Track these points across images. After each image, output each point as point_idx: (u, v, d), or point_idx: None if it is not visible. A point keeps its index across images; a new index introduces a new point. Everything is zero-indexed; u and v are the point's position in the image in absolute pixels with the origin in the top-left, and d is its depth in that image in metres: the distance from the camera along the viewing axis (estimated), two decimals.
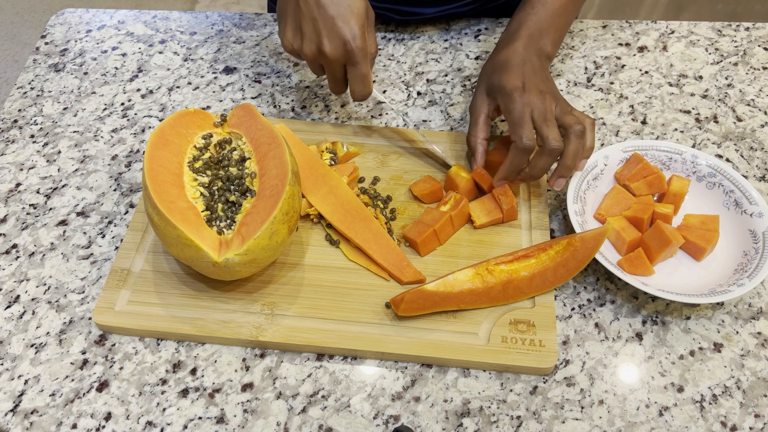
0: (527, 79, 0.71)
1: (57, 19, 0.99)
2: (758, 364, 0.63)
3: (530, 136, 0.67)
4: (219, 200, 0.64)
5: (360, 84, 0.72)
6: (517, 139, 0.68)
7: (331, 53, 0.70)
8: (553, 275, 0.65)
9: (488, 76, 0.74)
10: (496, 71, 0.73)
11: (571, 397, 0.61)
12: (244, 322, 0.64)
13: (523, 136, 0.67)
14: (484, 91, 0.75)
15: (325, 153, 0.76)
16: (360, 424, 0.59)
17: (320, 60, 0.72)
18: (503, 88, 0.70)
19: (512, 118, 0.69)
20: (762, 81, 0.89)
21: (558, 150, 0.67)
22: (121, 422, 0.59)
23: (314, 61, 0.73)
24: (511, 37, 0.76)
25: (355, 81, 0.72)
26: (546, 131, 0.67)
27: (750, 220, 0.69)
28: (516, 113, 0.68)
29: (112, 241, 0.72)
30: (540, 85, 0.71)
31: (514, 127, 0.68)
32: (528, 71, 0.72)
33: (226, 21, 0.98)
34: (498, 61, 0.74)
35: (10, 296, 0.68)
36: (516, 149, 0.68)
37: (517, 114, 0.68)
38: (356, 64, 0.70)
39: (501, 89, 0.71)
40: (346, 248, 0.69)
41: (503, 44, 0.76)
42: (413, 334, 0.63)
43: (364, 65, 0.71)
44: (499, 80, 0.72)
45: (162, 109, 0.86)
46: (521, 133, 0.67)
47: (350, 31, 0.68)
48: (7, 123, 0.84)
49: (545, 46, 0.76)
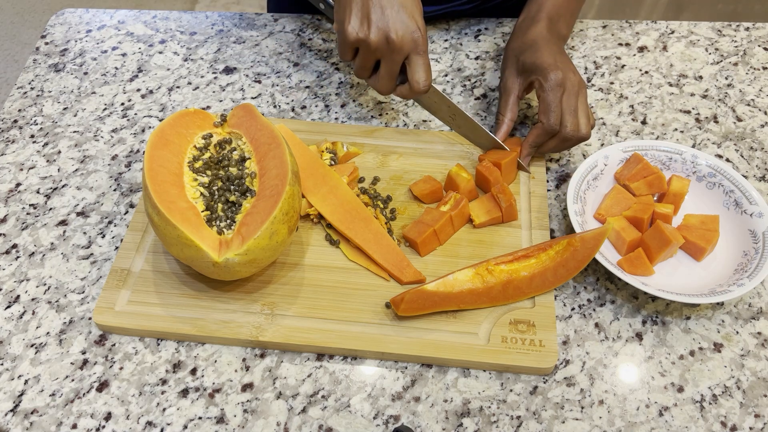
0: (558, 59, 0.74)
1: (57, 19, 0.99)
2: (758, 364, 0.63)
3: (557, 121, 0.71)
4: (219, 200, 0.64)
5: (423, 73, 0.72)
6: (545, 120, 0.72)
7: (399, 41, 0.69)
8: (553, 275, 0.65)
9: (517, 55, 0.77)
10: (526, 50, 0.76)
11: (571, 397, 0.61)
12: (244, 322, 0.64)
13: (551, 119, 0.71)
14: (514, 71, 0.77)
15: (325, 153, 0.76)
16: (360, 424, 0.59)
17: (382, 52, 0.71)
18: (538, 66, 0.73)
19: (546, 97, 0.72)
20: (762, 81, 0.89)
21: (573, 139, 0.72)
22: (121, 422, 0.59)
23: (375, 53, 0.71)
24: (533, 20, 0.79)
25: (418, 71, 0.72)
26: (567, 118, 0.71)
27: (750, 220, 0.69)
28: (549, 94, 0.72)
29: (112, 241, 0.72)
30: (568, 68, 0.73)
31: (547, 107, 0.72)
32: (556, 51, 0.75)
33: (226, 21, 0.98)
34: (526, 41, 0.77)
35: (10, 296, 0.68)
36: (542, 129, 0.72)
37: (550, 95, 0.72)
38: (421, 54, 0.71)
39: (536, 67, 0.73)
40: (346, 248, 0.69)
41: (526, 26, 0.79)
42: (413, 334, 0.63)
43: (426, 56, 0.72)
44: (532, 58, 0.74)
45: (162, 109, 0.86)
46: (550, 116, 0.71)
47: (417, 21, 0.70)
48: (7, 123, 0.84)
49: (562, 29, 0.80)
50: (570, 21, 0.83)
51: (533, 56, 0.74)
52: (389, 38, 0.69)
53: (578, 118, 0.72)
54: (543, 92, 0.72)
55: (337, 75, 0.90)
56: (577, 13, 0.84)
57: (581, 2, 0.85)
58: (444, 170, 0.77)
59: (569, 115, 0.71)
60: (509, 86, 0.77)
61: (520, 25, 0.80)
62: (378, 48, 0.71)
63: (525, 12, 0.82)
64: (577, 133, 0.71)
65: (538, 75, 0.73)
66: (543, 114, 0.72)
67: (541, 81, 0.73)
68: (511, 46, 0.79)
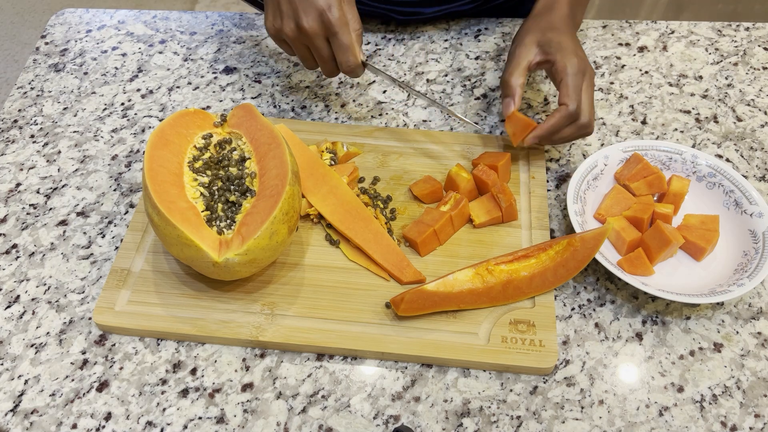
0: (579, 47, 0.73)
1: (57, 19, 0.99)
2: (758, 364, 0.63)
3: (580, 107, 0.69)
4: (219, 200, 0.64)
5: (344, 54, 0.71)
6: (570, 102, 0.69)
7: (309, 26, 0.69)
8: (553, 275, 0.65)
9: (541, 30, 0.74)
10: (549, 29, 0.74)
11: (571, 397, 0.61)
12: (244, 322, 0.64)
13: (575, 104, 0.69)
14: (534, 42, 0.74)
15: (325, 153, 0.76)
16: (360, 424, 0.59)
17: (303, 40, 0.71)
18: (564, 47, 0.71)
19: (569, 81, 0.70)
20: (762, 81, 0.89)
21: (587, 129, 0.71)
22: (121, 422, 0.59)
23: (296, 41, 0.72)
24: (554, 3, 0.77)
25: (338, 52, 0.71)
26: (586, 107, 0.70)
27: (750, 220, 0.69)
28: (574, 78, 0.70)
29: (112, 241, 0.72)
30: (587, 57, 0.73)
31: (570, 89, 0.69)
32: (576, 40, 0.74)
33: (226, 21, 0.98)
34: (551, 21, 0.75)
35: (10, 296, 0.68)
36: (565, 113, 0.69)
37: (575, 80, 0.70)
38: (336, 35, 0.69)
39: (561, 47, 0.71)
40: (346, 248, 0.69)
41: (549, 6, 0.77)
42: (413, 334, 0.63)
43: (345, 35, 0.70)
44: (557, 37, 0.72)
45: (162, 109, 0.86)
46: (576, 98, 0.69)
47: (325, 1, 0.68)
48: (7, 123, 0.84)
49: (578, 17, 0.80)
50: (583, 10, 0.82)
51: (559, 37, 0.73)
52: (300, 26, 0.69)
53: (593, 108, 0.71)
54: (566, 75, 0.70)
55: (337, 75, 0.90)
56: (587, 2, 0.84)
57: None
58: (444, 170, 0.77)
59: (588, 104, 0.70)
60: (524, 53, 0.74)
61: (543, 6, 0.78)
62: (296, 38, 0.71)
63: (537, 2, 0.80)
64: (591, 124, 0.71)
65: (563, 56, 0.71)
66: (567, 97, 0.70)
67: (565, 63, 0.70)
68: (530, 23, 0.77)
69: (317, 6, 0.68)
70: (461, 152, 0.79)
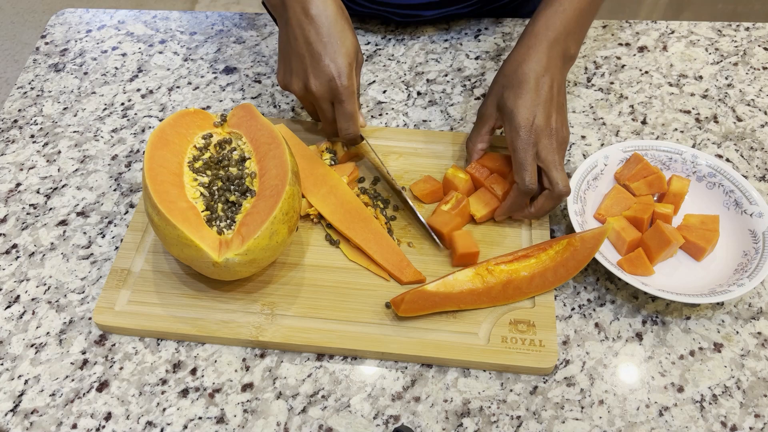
0: (540, 109, 0.66)
1: (57, 19, 0.99)
2: (758, 364, 0.63)
3: (532, 180, 0.65)
4: (219, 200, 0.64)
5: (345, 122, 0.71)
6: (519, 181, 0.66)
7: (317, 90, 0.69)
8: (553, 275, 0.65)
9: (502, 87, 0.69)
10: (510, 86, 0.68)
11: (571, 397, 0.61)
12: (244, 322, 0.64)
13: (526, 180, 0.65)
14: (495, 102, 0.70)
15: (325, 153, 0.76)
16: (360, 424, 0.59)
17: (309, 98, 0.72)
18: (513, 118, 0.66)
19: (516, 157, 0.66)
20: (762, 81, 0.89)
21: (566, 195, 0.66)
22: (121, 422, 0.59)
23: (304, 99, 0.73)
24: (535, 39, 0.69)
25: (341, 119, 0.71)
26: (555, 175, 0.65)
27: (750, 220, 0.69)
28: (520, 153, 0.65)
29: (112, 241, 0.72)
30: (552, 117, 0.66)
31: (518, 168, 0.66)
32: (544, 95, 0.66)
33: (226, 21, 0.98)
34: (516, 73, 0.68)
35: (10, 296, 0.68)
36: (518, 191, 0.66)
37: (521, 155, 0.65)
38: (342, 103, 0.69)
39: (510, 117, 0.66)
40: (346, 248, 0.69)
41: (526, 47, 0.69)
42: (413, 334, 0.63)
43: (350, 104, 0.69)
44: (512, 103, 0.66)
45: (162, 109, 0.86)
46: (524, 176, 0.65)
47: (336, 68, 0.67)
48: (7, 123, 0.84)
49: (570, 48, 0.70)
50: (582, 36, 0.72)
51: (513, 100, 0.66)
52: (308, 88, 0.69)
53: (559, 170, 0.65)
54: (513, 151, 0.66)
55: None
56: (589, 25, 0.73)
57: (596, 12, 0.74)
58: (444, 170, 0.77)
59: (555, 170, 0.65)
60: (486, 115, 0.71)
61: (521, 43, 0.70)
62: (303, 97, 0.72)
63: (530, 26, 0.70)
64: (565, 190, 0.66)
65: (511, 127, 0.66)
66: (516, 175, 0.66)
67: (512, 137, 0.66)
68: (504, 68, 0.70)
69: (328, 72, 0.68)
70: (461, 152, 0.79)
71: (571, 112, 0.85)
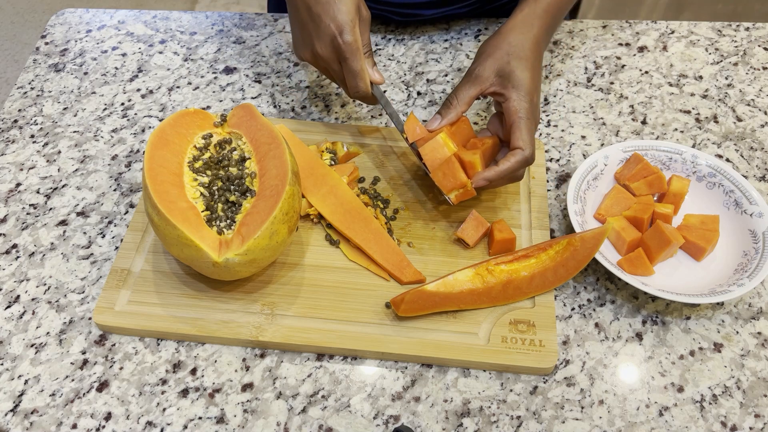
0: (536, 79, 0.68)
1: (57, 19, 0.99)
2: (758, 364, 0.63)
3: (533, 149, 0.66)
4: (219, 200, 0.64)
5: (353, 79, 0.70)
6: (526, 147, 0.65)
7: (322, 52, 0.69)
8: (553, 275, 0.65)
9: (507, 55, 0.68)
10: (515, 57, 0.68)
11: (571, 397, 0.61)
12: (244, 322, 0.64)
13: (531, 146, 0.66)
14: (495, 68, 0.69)
15: (325, 153, 0.76)
16: (360, 424, 0.59)
17: (321, 64, 0.71)
18: (522, 86, 0.67)
19: (523, 125, 0.66)
20: (762, 81, 0.89)
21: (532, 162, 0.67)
22: (121, 422, 0.59)
23: (318, 66, 0.73)
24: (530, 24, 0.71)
25: (348, 77, 0.70)
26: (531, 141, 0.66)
27: (750, 220, 0.69)
28: (526, 121, 0.66)
29: (112, 241, 0.72)
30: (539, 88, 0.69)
31: (524, 134, 0.66)
32: (538, 66, 0.69)
33: (226, 21, 0.98)
34: (518, 44, 0.69)
35: (10, 296, 0.68)
36: (522, 159, 0.66)
37: (528, 123, 0.66)
38: (346, 60, 0.68)
39: (519, 85, 0.67)
40: (346, 248, 0.69)
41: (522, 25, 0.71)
42: (413, 334, 0.63)
43: (354, 60, 0.68)
44: (522, 74, 0.67)
45: (162, 109, 0.86)
46: (530, 144, 0.66)
47: (336, 26, 0.67)
48: (7, 123, 0.84)
49: (549, 39, 0.74)
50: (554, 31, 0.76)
51: (521, 71, 0.67)
52: (316, 53, 0.69)
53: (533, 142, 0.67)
54: (519, 119, 0.66)
55: None
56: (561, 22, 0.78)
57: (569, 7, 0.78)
58: None
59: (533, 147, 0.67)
60: (483, 78, 0.69)
61: (519, 21, 0.71)
62: (315, 63, 0.72)
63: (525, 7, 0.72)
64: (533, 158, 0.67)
65: (519, 96, 0.67)
66: (523, 142, 0.66)
67: (519, 106, 0.66)
68: (499, 40, 0.70)
69: (329, 31, 0.67)
70: None
71: (571, 112, 0.85)
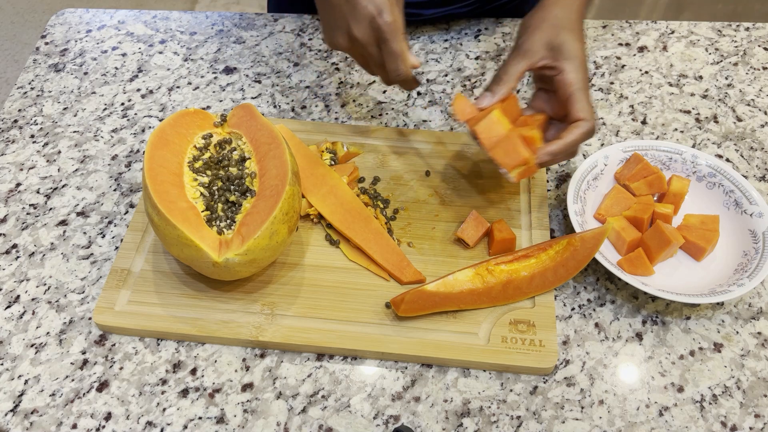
0: (584, 51, 0.67)
1: (57, 19, 0.99)
2: (758, 364, 0.63)
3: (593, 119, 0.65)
4: (219, 200, 0.64)
5: (393, 62, 0.66)
6: (589, 117, 0.64)
7: (360, 35, 0.65)
8: (553, 275, 0.65)
9: (554, 28, 0.67)
10: (563, 29, 0.67)
11: (571, 397, 0.61)
12: (244, 322, 0.64)
13: (592, 116, 0.64)
14: (544, 42, 0.67)
15: (325, 153, 0.76)
16: (360, 424, 0.59)
17: (357, 49, 0.68)
18: (575, 57, 0.65)
19: (583, 96, 0.65)
20: (762, 81, 0.89)
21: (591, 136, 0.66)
22: (121, 422, 0.59)
23: (353, 52, 0.69)
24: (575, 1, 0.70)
25: (389, 60, 0.66)
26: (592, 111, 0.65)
27: (750, 220, 0.69)
28: (584, 90, 0.65)
29: (112, 241, 0.72)
30: None
31: (585, 104, 0.65)
32: (583, 39, 0.68)
33: (226, 21, 0.98)
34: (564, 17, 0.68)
35: (10, 296, 0.68)
36: (585, 130, 0.64)
37: (585, 92, 0.65)
38: (386, 41, 0.65)
39: (571, 54, 0.65)
40: (346, 248, 0.69)
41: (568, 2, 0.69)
42: (413, 334, 0.63)
43: (395, 41, 0.65)
44: (570, 42, 0.66)
45: (162, 109, 0.86)
46: (591, 113, 0.64)
47: (375, 6, 0.64)
48: (7, 123, 0.84)
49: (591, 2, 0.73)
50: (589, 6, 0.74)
51: (572, 42, 0.66)
52: (352, 36, 0.66)
53: None
54: (577, 90, 0.65)
55: (337, 75, 0.90)
56: None
57: None
58: (443, 170, 0.77)
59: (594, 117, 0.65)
60: (533, 51, 0.67)
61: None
62: (350, 48, 0.68)
63: None
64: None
65: (574, 67, 0.65)
66: (584, 112, 0.64)
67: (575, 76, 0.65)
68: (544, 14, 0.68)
69: (367, 12, 0.64)
70: (461, 152, 0.79)
71: None
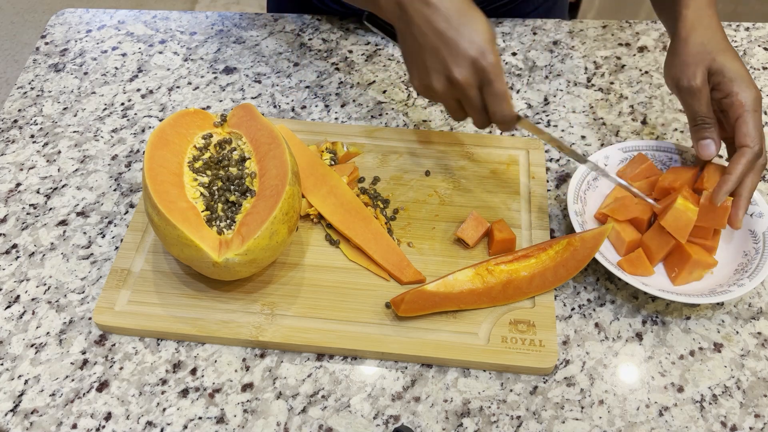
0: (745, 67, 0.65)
1: (57, 19, 0.99)
2: (758, 364, 0.63)
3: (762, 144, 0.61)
4: (219, 200, 0.64)
5: (498, 104, 0.63)
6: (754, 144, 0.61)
7: (462, 77, 0.61)
8: (553, 275, 0.65)
9: (708, 53, 0.64)
10: (720, 51, 0.64)
11: (571, 397, 0.61)
12: (244, 322, 0.64)
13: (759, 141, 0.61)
14: (703, 70, 0.64)
15: (325, 153, 0.76)
16: (360, 424, 0.59)
17: (454, 93, 0.64)
18: (739, 74, 0.63)
19: (748, 116, 0.61)
20: (762, 81, 0.89)
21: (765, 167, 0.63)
22: (121, 422, 0.59)
23: (447, 96, 0.65)
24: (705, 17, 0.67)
25: (492, 102, 0.63)
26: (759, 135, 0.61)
27: (750, 220, 0.69)
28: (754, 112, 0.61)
29: (112, 241, 0.72)
30: None
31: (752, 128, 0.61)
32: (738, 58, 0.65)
33: (226, 21, 0.98)
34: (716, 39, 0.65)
35: (10, 296, 0.68)
36: (752, 155, 0.61)
37: (755, 114, 0.61)
38: (491, 83, 0.61)
39: (740, 78, 0.63)
40: (346, 248, 0.69)
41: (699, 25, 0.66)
42: (413, 334, 0.63)
43: (500, 82, 0.62)
44: (735, 66, 0.63)
45: (162, 109, 0.86)
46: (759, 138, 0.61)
47: (478, 48, 0.60)
48: (7, 123, 0.84)
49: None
50: None
51: (731, 62, 0.63)
52: (451, 79, 0.62)
53: None
54: (745, 112, 0.62)
55: (337, 75, 0.90)
56: None
57: None
58: (444, 170, 0.77)
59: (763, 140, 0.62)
60: (700, 85, 0.64)
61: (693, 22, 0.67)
62: (445, 93, 0.64)
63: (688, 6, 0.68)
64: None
65: (740, 88, 0.62)
66: (749, 138, 0.61)
67: (745, 98, 0.62)
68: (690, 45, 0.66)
69: (469, 55, 0.61)
70: (461, 152, 0.79)
71: (571, 112, 0.85)
